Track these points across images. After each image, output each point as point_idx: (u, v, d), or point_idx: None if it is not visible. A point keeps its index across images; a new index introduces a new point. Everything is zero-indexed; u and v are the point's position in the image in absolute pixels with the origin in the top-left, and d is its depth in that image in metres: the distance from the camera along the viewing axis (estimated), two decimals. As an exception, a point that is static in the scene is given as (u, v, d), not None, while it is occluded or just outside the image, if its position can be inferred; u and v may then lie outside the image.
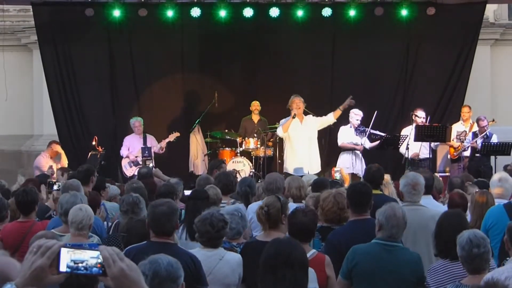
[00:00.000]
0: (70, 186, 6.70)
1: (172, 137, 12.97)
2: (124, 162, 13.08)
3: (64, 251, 2.29)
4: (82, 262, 2.25)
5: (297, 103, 11.84)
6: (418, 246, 5.41)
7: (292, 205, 6.00)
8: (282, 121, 12.21)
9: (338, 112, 12.12)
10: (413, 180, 5.95)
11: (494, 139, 12.74)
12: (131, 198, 6.09)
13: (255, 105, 13.58)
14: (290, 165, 11.98)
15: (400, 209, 4.95)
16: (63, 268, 2.28)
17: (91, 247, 2.32)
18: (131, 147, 13.05)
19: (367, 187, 5.68)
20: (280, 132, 12.11)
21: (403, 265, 4.85)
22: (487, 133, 12.74)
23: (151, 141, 13.05)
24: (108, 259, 2.24)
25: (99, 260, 2.25)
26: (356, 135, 12.26)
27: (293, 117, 11.81)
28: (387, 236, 4.87)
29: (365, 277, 4.84)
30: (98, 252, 2.25)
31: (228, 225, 5.24)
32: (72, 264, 2.26)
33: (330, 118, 12.16)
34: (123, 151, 13.11)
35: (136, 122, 13.17)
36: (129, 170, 12.88)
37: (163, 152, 13.04)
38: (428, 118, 12.59)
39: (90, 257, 2.26)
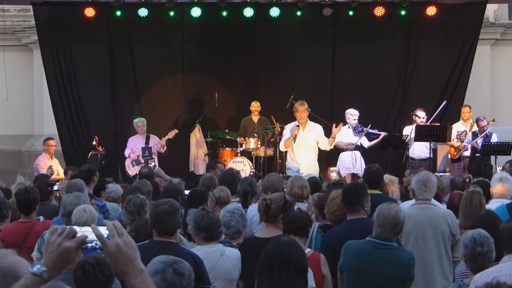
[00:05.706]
0: (74, 186, 6.66)
1: (171, 134, 12.99)
2: (127, 162, 13.12)
3: None
4: (91, 242, 2.39)
5: (301, 113, 11.80)
6: (427, 244, 5.42)
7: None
8: (286, 128, 12.16)
9: (331, 141, 11.98)
10: (425, 177, 5.98)
11: (494, 139, 12.73)
12: (138, 200, 6.04)
13: (255, 106, 13.55)
14: (289, 167, 12.00)
15: (393, 210, 4.90)
16: None
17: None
18: (134, 147, 13.06)
19: (358, 187, 5.72)
20: (282, 147, 12.23)
21: (393, 264, 4.88)
22: (487, 133, 12.75)
23: (154, 141, 13.04)
24: (112, 230, 2.35)
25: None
26: (355, 135, 12.23)
27: (294, 140, 11.77)
28: (376, 234, 4.92)
29: (353, 272, 4.92)
30: (107, 231, 2.38)
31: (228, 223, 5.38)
32: None
33: (326, 145, 12.02)
34: (127, 152, 13.13)
35: (139, 122, 13.17)
36: (132, 170, 12.90)
37: (164, 150, 13.05)
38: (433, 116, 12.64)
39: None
